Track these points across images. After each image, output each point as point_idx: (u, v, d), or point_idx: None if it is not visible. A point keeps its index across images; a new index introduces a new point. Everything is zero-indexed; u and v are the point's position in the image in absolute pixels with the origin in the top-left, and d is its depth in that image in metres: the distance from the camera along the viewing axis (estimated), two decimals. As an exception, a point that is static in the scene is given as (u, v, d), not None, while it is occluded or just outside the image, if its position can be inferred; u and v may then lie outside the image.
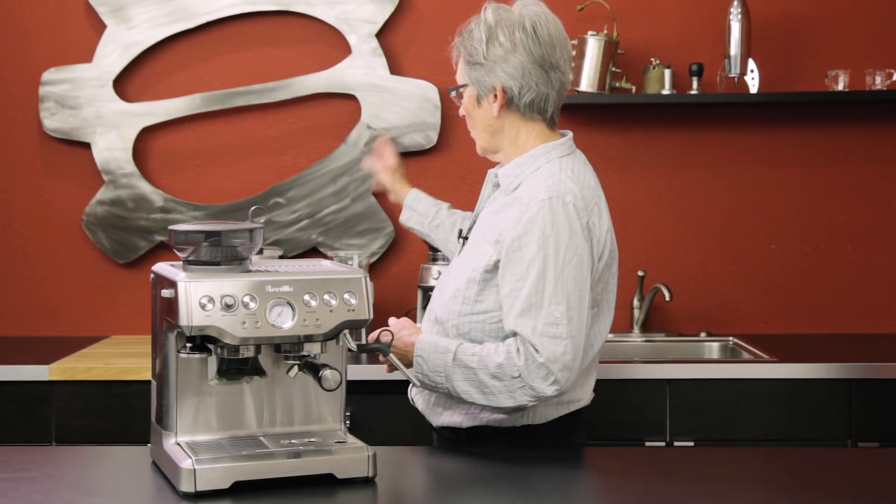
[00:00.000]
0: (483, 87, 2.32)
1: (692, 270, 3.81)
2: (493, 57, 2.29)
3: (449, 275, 2.37)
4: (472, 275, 2.26)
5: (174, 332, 1.96)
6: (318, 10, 3.73)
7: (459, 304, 2.26)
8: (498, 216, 2.28)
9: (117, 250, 3.77)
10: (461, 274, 2.29)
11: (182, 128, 3.79)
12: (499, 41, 2.28)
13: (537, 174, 2.28)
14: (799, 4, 3.77)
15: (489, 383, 2.17)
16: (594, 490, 2.02)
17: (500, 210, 2.30)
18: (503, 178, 2.33)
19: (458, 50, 2.37)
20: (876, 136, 3.79)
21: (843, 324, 3.81)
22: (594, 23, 3.68)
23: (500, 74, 2.29)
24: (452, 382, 2.20)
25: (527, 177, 2.29)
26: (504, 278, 2.20)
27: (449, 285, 2.32)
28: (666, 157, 3.80)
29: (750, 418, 3.17)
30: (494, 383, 2.16)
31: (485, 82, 2.31)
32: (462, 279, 2.28)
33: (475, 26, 2.33)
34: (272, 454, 1.94)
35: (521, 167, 2.31)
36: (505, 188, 2.32)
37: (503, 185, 2.33)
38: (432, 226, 2.80)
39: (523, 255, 2.18)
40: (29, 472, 2.04)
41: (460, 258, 2.37)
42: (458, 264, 2.35)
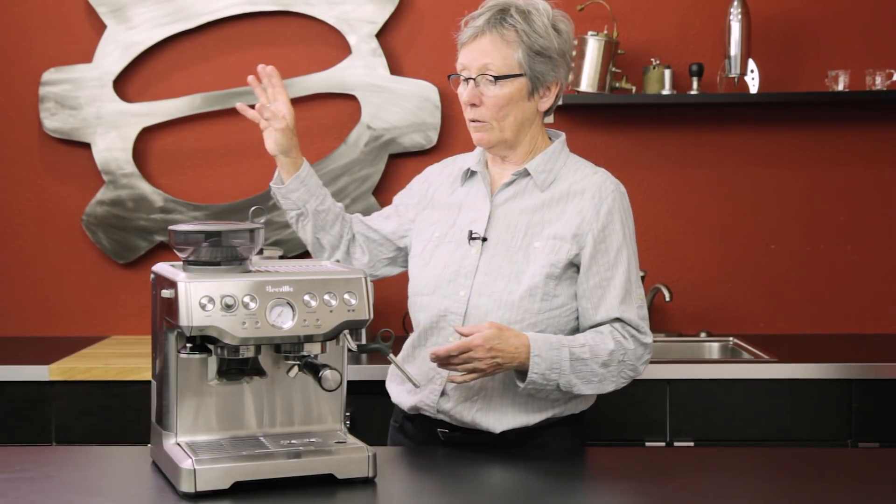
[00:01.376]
0: (543, 81, 2.27)
1: (692, 270, 3.81)
2: (559, 51, 2.27)
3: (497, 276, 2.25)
4: (552, 270, 2.23)
5: (174, 333, 1.96)
6: (318, 10, 3.73)
7: (538, 301, 2.23)
8: (548, 212, 2.27)
9: (117, 250, 3.77)
10: (530, 272, 2.23)
11: (182, 128, 3.79)
12: (561, 36, 2.28)
13: (570, 168, 2.33)
14: (799, 4, 3.77)
15: (598, 371, 2.20)
16: (594, 490, 2.02)
17: (543, 206, 2.28)
18: (536, 173, 2.30)
19: (500, 30, 2.22)
20: (876, 136, 3.79)
21: (843, 324, 3.81)
22: (594, 23, 3.68)
23: (562, 71, 2.29)
24: (567, 378, 2.18)
25: (558, 172, 2.32)
26: (591, 269, 2.24)
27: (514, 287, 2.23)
28: (666, 157, 3.80)
29: (750, 418, 3.17)
30: (603, 371, 2.21)
31: (548, 77, 2.27)
32: (538, 277, 2.23)
33: (535, 13, 2.24)
34: (272, 454, 1.94)
35: (551, 163, 2.32)
36: (539, 183, 2.30)
37: (538, 180, 2.30)
38: (318, 210, 2.41)
39: (609, 245, 2.25)
40: (29, 472, 2.04)
41: (503, 258, 2.26)
42: (508, 264, 2.25)
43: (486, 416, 2.27)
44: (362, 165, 3.74)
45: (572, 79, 3.61)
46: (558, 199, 2.29)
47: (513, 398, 2.26)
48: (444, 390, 2.28)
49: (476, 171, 2.37)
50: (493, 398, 2.26)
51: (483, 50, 2.24)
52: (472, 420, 2.27)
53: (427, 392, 2.30)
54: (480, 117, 2.27)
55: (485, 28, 2.23)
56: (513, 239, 2.28)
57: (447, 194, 2.40)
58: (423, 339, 2.33)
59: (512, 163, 2.35)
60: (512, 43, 2.23)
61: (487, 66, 2.23)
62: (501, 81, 2.23)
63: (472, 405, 2.27)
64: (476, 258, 2.28)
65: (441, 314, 2.29)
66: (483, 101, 2.25)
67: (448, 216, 2.37)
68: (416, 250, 2.40)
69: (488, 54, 2.23)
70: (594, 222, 2.25)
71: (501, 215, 2.31)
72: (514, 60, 2.23)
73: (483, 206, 2.33)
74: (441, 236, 2.35)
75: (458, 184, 2.40)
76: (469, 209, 2.35)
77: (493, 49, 2.23)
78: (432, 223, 2.39)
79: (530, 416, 2.27)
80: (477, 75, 2.24)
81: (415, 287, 2.37)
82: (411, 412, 2.35)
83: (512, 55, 2.23)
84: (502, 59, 2.23)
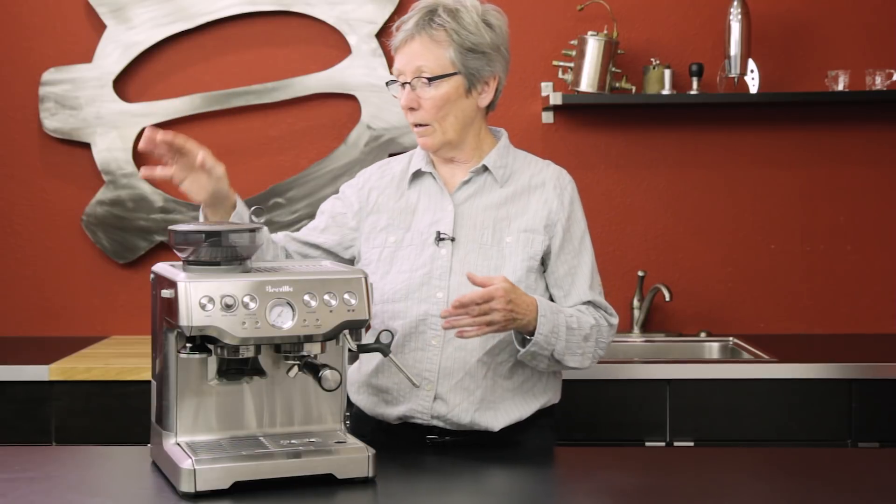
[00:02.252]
0: (478, 77, 2.27)
1: (692, 270, 3.81)
2: (493, 46, 2.27)
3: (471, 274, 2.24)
4: (531, 263, 2.27)
5: (174, 333, 1.96)
6: (318, 10, 3.73)
7: None
8: (512, 206, 2.30)
9: (117, 250, 3.77)
10: (510, 268, 2.25)
11: (182, 128, 3.78)
12: (493, 30, 2.27)
13: (521, 162, 2.37)
14: (799, 4, 3.77)
15: (581, 345, 2.24)
16: (594, 490, 2.02)
17: (507, 201, 2.30)
18: (495, 168, 2.33)
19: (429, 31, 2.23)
20: (876, 136, 3.79)
21: (843, 324, 3.81)
22: (594, 23, 3.68)
23: (498, 66, 2.30)
24: (562, 344, 2.21)
25: (513, 166, 2.35)
26: (560, 258, 2.30)
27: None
28: (666, 157, 3.80)
29: (750, 418, 3.17)
30: (584, 345, 2.25)
31: (483, 72, 2.27)
32: (520, 271, 2.25)
33: (464, 11, 2.24)
34: (272, 454, 1.94)
35: (504, 158, 2.35)
36: (499, 179, 2.32)
37: (497, 175, 2.32)
38: None
39: (574, 233, 2.32)
40: (29, 472, 2.04)
41: (477, 256, 2.26)
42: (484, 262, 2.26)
43: (485, 414, 2.27)
44: (362, 165, 3.71)
45: (572, 79, 3.61)
46: (521, 193, 2.32)
47: (503, 393, 2.28)
48: (436, 395, 2.26)
49: (426, 171, 2.36)
50: (488, 396, 2.26)
51: (415, 53, 2.24)
52: (470, 421, 2.26)
53: (418, 399, 2.27)
54: (421, 120, 2.27)
55: (414, 31, 2.24)
56: (483, 236, 2.29)
57: (394, 198, 2.37)
58: (400, 347, 2.28)
59: (460, 162, 2.35)
60: (443, 42, 2.23)
61: (421, 69, 2.23)
62: (436, 82, 2.24)
63: (469, 406, 2.26)
64: (448, 259, 2.27)
65: (420, 318, 2.26)
66: (421, 103, 2.25)
67: (400, 220, 2.34)
68: (370, 258, 2.35)
69: (420, 56, 2.24)
70: (561, 212, 2.30)
71: (465, 214, 2.31)
72: (446, 60, 2.24)
73: (444, 207, 2.32)
74: (397, 241, 2.32)
75: (405, 186, 2.37)
76: (426, 211, 2.33)
77: (425, 51, 2.23)
78: (381, 229, 2.35)
79: (523, 409, 2.29)
80: (412, 79, 2.25)
81: (381, 295, 2.30)
82: (396, 422, 2.31)
83: (444, 55, 2.23)
84: (435, 59, 2.23)
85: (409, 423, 2.30)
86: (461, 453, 2.21)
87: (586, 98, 3.62)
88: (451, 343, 2.25)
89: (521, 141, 3.24)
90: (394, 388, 2.30)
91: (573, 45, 3.64)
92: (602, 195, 3.80)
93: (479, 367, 2.26)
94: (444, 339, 2.25)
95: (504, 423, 2.27)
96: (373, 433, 2.28)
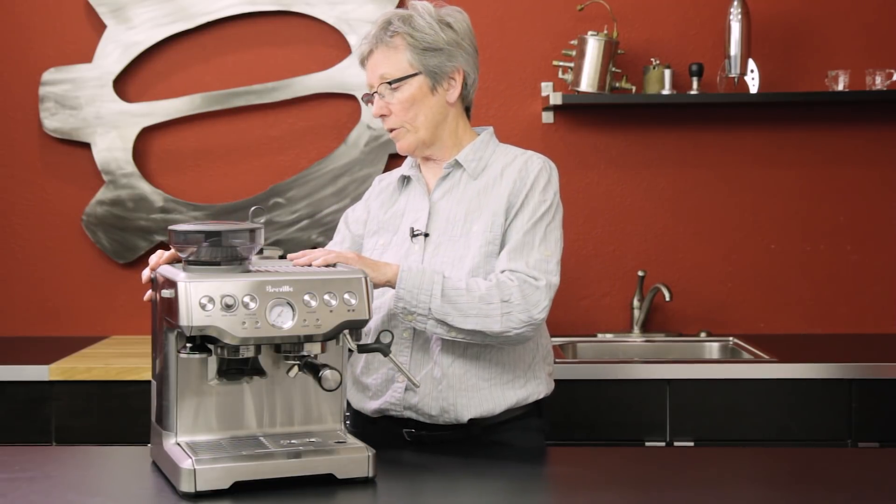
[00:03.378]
0: (441, 74, 2.33)
1: (692, 270, 3.81)
2: (451, 42, 2.33)
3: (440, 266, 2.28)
4: (490, 248, 2.28)
5: (174, 332, 1.96)
6: (318, 10, 3.73)
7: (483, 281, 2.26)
8: (484, 196, 2.33)
9: (117, 250, 3.77)
10: (469, 255, 2.27)
11: (182, 128, 3.79)
12: (451, 27, 2.34)
13: (500, 153, 2.39)
14: (799, 4, 3.77)
15: (478, 306, 2.19)
16: (594, 489, 2.02)
17: (479, 193, 2.34)
18: (467, 162, 2.36)
19: (385, 40, 2.32)
20: (876, 136, 3.79)
21: (843, 324, 3.81)
22: (594, 23, 3.68)
23: (461, 60, 2.35)
24: (439, 305, 2.18)
25: (489, 159, 2.38)
26: (508, 234, 2.29)
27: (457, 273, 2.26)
28: (666, 157, 3.80)
29: (750, 418, 3.17)
30: (484, 307, 2.20)
31: (445, 67, 2.34)
32: (478, 257, 2.27)
33: (416, 15, 2.33)
34: (272, 454, 1.94)
35: (480, 152, 2.39)
36: (471, 172, 2.36)
37: (469, 168, 2.36)
38: None
39: (526, 209, 2.29)
40: (29, 472, 2.04)
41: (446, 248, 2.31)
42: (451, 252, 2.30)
43: (454, 404, 2.28)
44: (362, 165, 3.74)
45: (572, 79, 3.61)
46: (493, 183, 2.35)
47: (476, 383, 2.28)
48: (406, 386, 2.30)
49: (410, 175, 2.43)
50: (455, 386, 2.28)
51: (377, 63, 2.34)
52: (439, 410, 2.28)
53: (390, 392, 2.31)
54: (394, 125, 2.35)
55: (373, 44, 2.34)
56: (454, 229, 2.33)
57: (388, 205, 2.45)
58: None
59: (438, 160, 2.40)
60: (399, 48, 2.32)
61: (384, 76, 2.33)
62: (397, 85, 2.32)
63: (437, 395, 2.28)
64: (420, 253, 2.33)
65: (392, 313, 2.29)
66: (390, 108, 2.34)
67: (390, 225, 2.42)
68: None
69: (381, 65, 2.34)
70: (522, 192, 2.31)
71: (441, 210, 2.36)
72: (405, 63, 2.32)
73: (422, 206, 2.38)
74: (385, 244, 2.40)
75: (397, 194, 2.46)
76: (409, 213, 2.40)
77: (385, 59, 2.33)
78: (374, 233, 2.44)
79: (495, 402, 2.29)
80: (378, 87, 2.34)
81: None
82: (375, 415, 2.35)
83: (402, 59, 2.32)
84: (394, 65, 2.33)
85: (387, 416, 2.33)
86: (462, 453, 2.21)
87: (586, 98, 3.62)
88: (420, 335, 2.29)
89: (521, 141, 3.23)
90: (373, 384, 2.34)
91: (573, 45, 3.64)
92: (602, 195, 3.80)
93: (447, 357, 2.28)
94: (413, 332, 2.29)
95: (474, 414, 2.29)
96: (363, 426, 2.36)
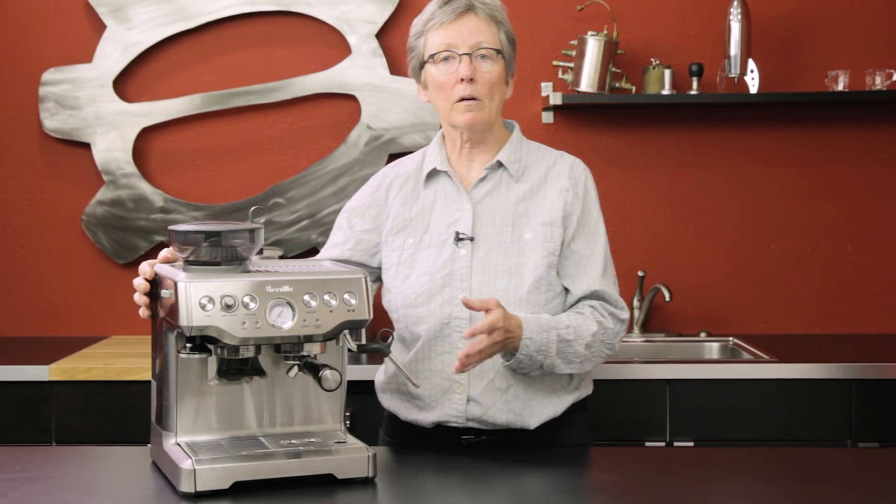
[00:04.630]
0: (510, 70, 2.31)
1: (692, 270, 3.81)
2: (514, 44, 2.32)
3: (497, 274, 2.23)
4: (551, 259, 2.25)
5: (174, 333, 1.96)
6: (318, 10, 3.73)
7: (544, 292, 2.24)
8: (530, 202, 2.28)
9: (117, 250, 3.77)
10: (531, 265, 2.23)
11: (182, 128, 3.79)
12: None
13: (534, 154, 2.35)
14: (799, 4, 3.77)
15: (581, 353, 2.21)
16: (594, 490, 2.02)
17: (525, 197, 2.28)
18: (510, 163, 2.30)
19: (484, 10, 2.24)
20: (876, 136, 3.79)
21: (843, 324, 3.80)
22: (594, 23, 3.68)
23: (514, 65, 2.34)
24: (551, 359, 2.18)
25: (527, 160, 2.33)
26: (570, 248, 2.27)
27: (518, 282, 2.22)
28: (666, 157, 3.80)
29: (750, 418, 3.17)
30: (585, 352, 2.21)
31: (512, 67, 2.31)
32: (541, 268, 2.23)
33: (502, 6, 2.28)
34: (272, 454, 1.94)
35: (518, 152, 2.33)
36: (514, 174, 2.30)
37: (512, 170, 2.30)
38: None
39: (587, 223, 2.30)
40: (29, 472, 2.04)
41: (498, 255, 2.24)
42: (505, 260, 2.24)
43: (521, 413, 2.25)
44: (362, 165, 3.74)
45: (572, 79, 3.61)
46: (538, 188, 2.30)
47: (535, 390, 2.25)
48: (469, 397, 2.23)
49: (442, 170, 2.33)
50: (521, 396, 2.24)
51: (474, 26, 2.24)
52: (505, 421, 2.24)
53: (449, 403, 2.25)
54: (476, 94, 2.23)
55: (470, 7, 2.24)
56: (502, 234, 2.26)
57: (411, 199, 2.34)
58: (427, 351, 2.26)
59: (481, 153, 2.32)
60: (494, 24, 2.26)
61: (481, 43, 2.23)
62: (495, 58, 2.24)
63: (503, 406, 2.24)
64: (468, 259, 2.25)
65: (445, 322, 2.24)
66: (477, 77, 2.23)
67: (418, 221, 2.32)
68: (391, 262, 2.33)
69: (481, 31, 2.24)
70: (576, 203, 2.29)
71: (483, 212, 2.28)
72: (499, 40, 2.26)
73: (462, 206, 2.29)
74: (415, 244, 2.30)
75: (421, 186, 2.35)
76: (443, 211, 2.30)
77: (485, 27, 2.24)
78: (399, 231, 2.33)
79: (556, 405, 2.27)
80: (472, 51, 2.23)
81: (403, 300, 2.29)
82: (432, 426, 2.28)
83: (497, 35, 2.26)
84: (491, 37, 2.25)
85: (444, 427, 2.27)
86: (462, 453, 2.21)
87: (586, 98, 3.62)
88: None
89: (521, 141, 3.23)
90: (425, 394, 2.27)
91: (573, 45, 3.64)
92: (602, 195, 3.72)
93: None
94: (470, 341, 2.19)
95: (540, 421, 2.26)
96: (408, 435, 2.31)
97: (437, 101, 2.29)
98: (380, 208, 2.37)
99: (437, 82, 2.26)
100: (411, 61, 2.33)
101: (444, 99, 2.26)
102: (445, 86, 2.25)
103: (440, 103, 2.28)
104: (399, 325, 2.32)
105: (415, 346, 2.28)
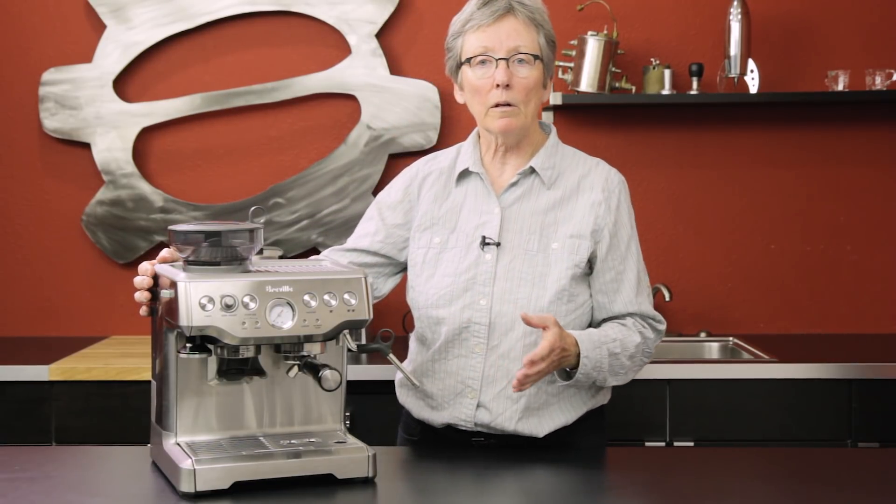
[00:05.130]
0: (549, 72, 2.27)
1: (692, 270, 3.81)
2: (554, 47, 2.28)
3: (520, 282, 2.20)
4: (576, 271, 2.21)
5: (174, 333, 1.96)
6: (318, 10, 3.73)
7: (565, 303, 2.21)
8: (560, 211, 2.24)
9: (117, 250, 3.77)
10: (554, 275, 2.20)
11: (182, 128, 3.79)
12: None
13: (569, 161, 2.31)
14: (799, 4, 3.77)
15: (626, 364, 2.22)
16: (594, 490, 2.02)
17: (555, 206, 2.25)
18: (543, 170, 2.26)
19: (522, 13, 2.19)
20: (876, 136, 3.79)
21: (843, 324, 3.81)
22: (594, 23, 3.68)
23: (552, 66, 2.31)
24: (604, 374, 2.18)
25: (561, 167, 2.29)
26: (606, 263, 2.24)
27: (540, 292, 2.20)
28: (666, 157, 3.80)
29: (750, 418, 3.17)
30: (629, 364, 2.23)
31: (551, 69, 2.27)
32: (564, 279, 2.20)
33: (542, 5, 2.23)
34: (272, 454, 1.94)
35: (552, 158, 2.29)
36: (546, 181, 2.26)
37: (545, 177, 2.26)
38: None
39: (621, 238, 2.26)
40: (29, 472, 2.04)
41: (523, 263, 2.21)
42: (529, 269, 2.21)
43: (528, 422, 2.23)
44: (362, 165, 3.74)
45: (572, 79, 3.61)
46: (569, 197, 2.26)
47: (548, 399, 2.23)
48: (479, 403, 2.22)
49: (475, 171, 2.30)
50: (532, 404, 2.22)
51: (513, 30, 2.18)
52: (514, 429, 2.23)
53: (459, 407, 2.24)
54: (512, 100, 2.19)
55: (509, 9, 2.19)
56: (529, 242, 2.23)
57: (442, 199, 2.31)
58: (444, 352, 2.25)
59: (515, 156, 2.29)
60: (534, 28, 2.20)
61: (519, 48, 2.19)
62: (533, 63, 2.19)
63: (513, 415, 2.22)
64: (492, 264, 2.22)
65: (464, 325, 2.22)
66: (513, 83, 2.18)
67: (446, 220, 2.29)
68: (416, 260, 2.31)
69: (520, 35, 2.19)
70: (608, 217, 2.24)
71: (512, 218, 2.25)
72: (537, 44, 2.21)
73: (491, 210, 2.26)
74: (442, 243, 2.28)
75: (453, 184, 2.32)
76: (472, 212, 2.27)
77: (524, 30, 2.19)
78: (426, 228, 2.30)
79: (568, 414, 2.26)
80: (509, 56, 2.19)
81: (426, 299, 2.27)
82: (442, 427, 2.28)
83: (536, 39, 2.20)
84: (530, 41, 2.19)
85: (454, 428, 2.27)
86: (462, 453, 2.21)
87: (586, 98, 3.62)
88: (494, 351, 2.21)
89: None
90: (437, 394, 2.26)
91: (573, 45, 3.64)
92: (602, 195, 3.79)
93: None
94: (486, 347, 2.20)
95: (548, 430, 2.24)
96: (422, 433, 2.32)
97: (473, 104, 2.26)
98: (412, 203, 2.34)
99: (474, 86, 2.22)
100: (448, 61, 2.28)
101: (480, 103, 2.23)
102: (481, 90, 2.21)
103: (476, 107, 2.25)
104: (420, 324, 2.31)
105: (433, 346, 2.27)
